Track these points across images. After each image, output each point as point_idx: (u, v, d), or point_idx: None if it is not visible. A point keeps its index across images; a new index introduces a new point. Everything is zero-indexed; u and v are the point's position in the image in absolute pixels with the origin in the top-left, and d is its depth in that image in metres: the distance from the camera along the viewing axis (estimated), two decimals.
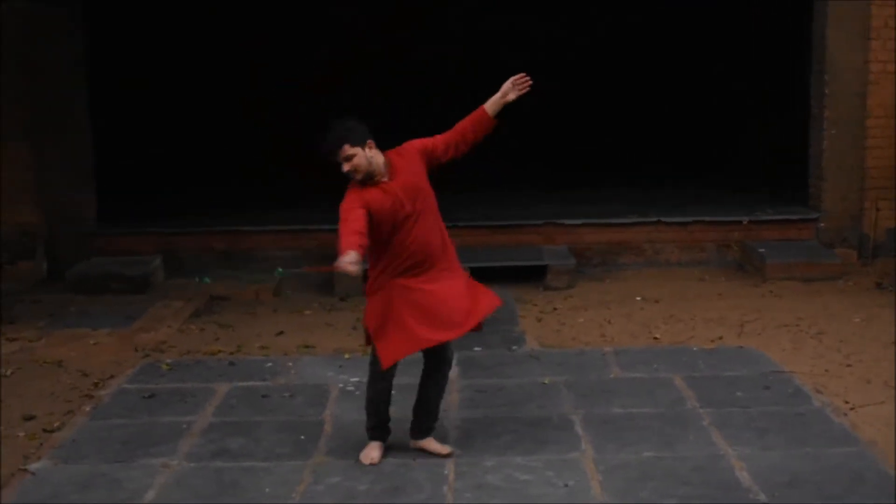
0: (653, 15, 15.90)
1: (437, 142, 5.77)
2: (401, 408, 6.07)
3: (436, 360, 5.85)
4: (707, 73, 15.55)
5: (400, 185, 5.57)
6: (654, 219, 10.95)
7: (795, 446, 5.92)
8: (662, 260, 10.87)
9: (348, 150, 5.50)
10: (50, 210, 10.64)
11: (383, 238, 5.58)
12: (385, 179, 5.58)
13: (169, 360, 7.80)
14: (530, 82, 5.81)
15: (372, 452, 5.79)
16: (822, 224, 10.81)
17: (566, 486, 5.44)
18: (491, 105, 5.79)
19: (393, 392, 5.87)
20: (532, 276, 10.06)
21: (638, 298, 9.54)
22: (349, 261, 5.21)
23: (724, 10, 14.77)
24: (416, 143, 5.76)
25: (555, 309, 9.24)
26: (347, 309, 9.35)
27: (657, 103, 16.06)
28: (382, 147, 5.68)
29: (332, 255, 10.56)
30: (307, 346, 8.17)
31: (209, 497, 5.38)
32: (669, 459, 5.76)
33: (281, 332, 8.58)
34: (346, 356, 7.83)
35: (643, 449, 5.92)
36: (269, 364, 7.69)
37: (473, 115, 5.80)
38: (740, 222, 10.92)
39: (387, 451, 5.89)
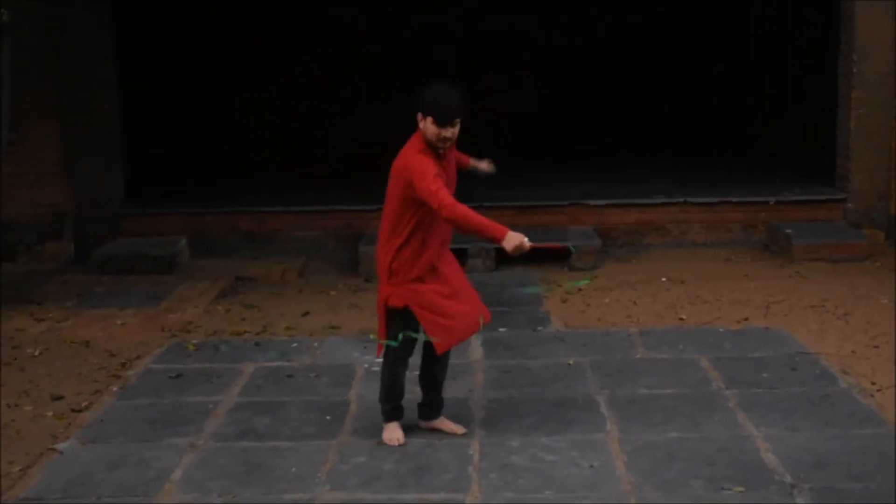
0: None
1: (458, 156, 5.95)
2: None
3: None
4: (737, 53, 15.46)
5: (450, 170, 5.64)
6: (681, 199, 10.91)
7: (822, 427, 5.90)
8: (688, 240, 10.83)
9: (458, 119, 5.50)
10: (77, 191, 10.70)
11: (421, 218, 5.50)
12: (443, 158, 5.58)
13: (195, 341, 7.83)
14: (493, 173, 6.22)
15: (397, 433, 5.81)
16: (850, 204, 10.74)
17: (591, 466, 5.44)
18: (472, 165, 6.15)
19: (417, 373, 5.90)
20: (557, 256, 10.04)
21: (663, 279, 9.51)
22: (522, 240, 5.34)
23: None
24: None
25: (580, 289, 9.22)
26: (372, 290, 9.32)
27: (685, 84, 15.98)
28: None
29: (357, 235, 10.64)
30: (332, 327, 8.20)
31: (235, 476, 5.41)
32: (695, 440, 5.75)
33: (306, 313, 8.61)
34: (372, 337, 7.83)
35: (668, 430, 5.91)
36: (295, 344, 7.72)
37: (462, 157, 6.03)
38: (767, 203, 10.86)
39: (409, 431, 5.91)
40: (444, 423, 5.94)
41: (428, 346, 5.76)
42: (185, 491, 5.26)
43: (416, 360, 5.92)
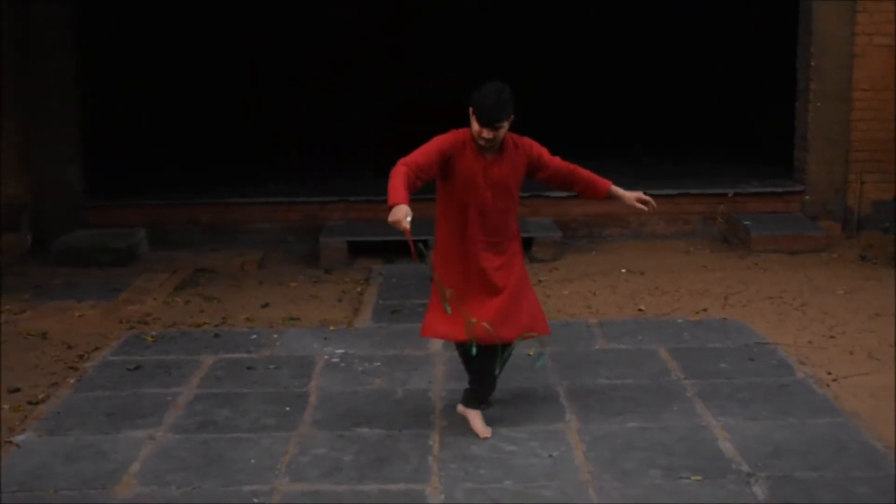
0: None
1: (549, 162, 5.81)
2: (390, 381, 6.07)
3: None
4: (698, 48, 15.55)
5: (495, 173, 5.54)
6: (640, 191, 10.91)
7: (779, 417, 5.96)
8: (648, 232, 10.88)
9: (504, 123, 5.42)
10: (36, 183, 10.61)
11: (451, 202, 5.56)
12: (489, 156, 5.52)
13: (154, 333, 7.79)
14: (654, 209, 6.13)
15: (480, 423, 5.77)
16: (807, 197, 10.83)
17: (551, 456, 5.46)
18: (616, 192, 5.99)
19: (378, 363, 5.87)
20: None
21: (623, 270, 9.55)
22: (400, 217, 5.02)
23: None
24: (533, 146, 5.75)
25: (540, 281, 9.25)
26: (332, 281, 9.35)
27: (645, 76, 16.06)
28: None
29: (317, 226, 10.63)
30: (292, 319, 8.17)
31: (195, 468, 5.39)
32: (654, 430, 5.79)
33: (266, 305, 8.58)
34: (332, 328, 7.84)
35: (628, 420, 5.94)
36: (255, 336, 7.69)
37: (596, 182, 5.97)
38: (726, 195, 10.93)
39: (368, 423, 5.91)
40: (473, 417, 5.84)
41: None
42: (144, 483, 5.23)
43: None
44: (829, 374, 6.70)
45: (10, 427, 5.98)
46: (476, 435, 5.71)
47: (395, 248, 9.53)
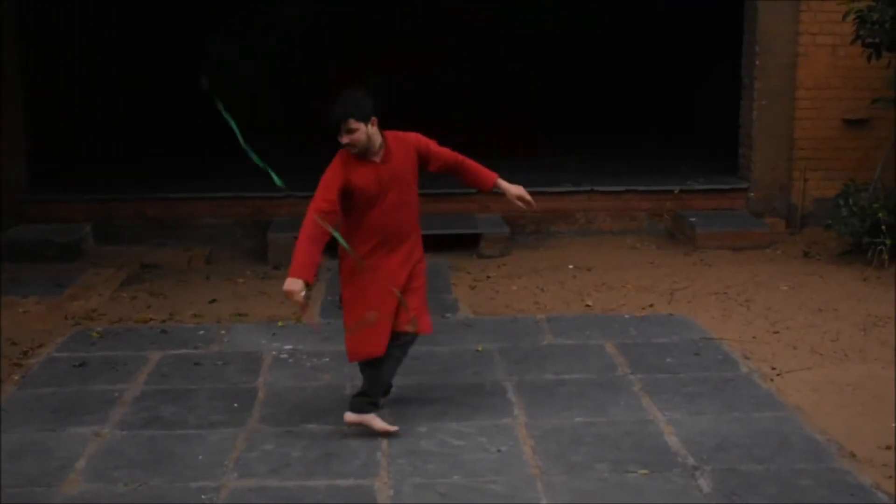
0: None
1: (438, 154, 5.89)
2: (339, 377, 6.07)
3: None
4: (647, 43, 15.66)
5: (390, 172, 5.61)
6: (588, 188, 11.02)
7: (724, 411, 6.03)
8: (595, 229, 10.95)
9: (352, 123, 5.47)
10: None
11: (358, 214, 5.62)
12: (376, 160, 5.60)
13: (99, 329, 7.73)
14: (533, 207, 6.13)
15: (383, 422, 5.70)
16: (752, 194, 10.95)
17: (499, 451, 5.49)
18: (501, 186, 6.03)
19: (327, 359, 5.86)
20: (466, 244, 10.10)
21: (571, 266, 9.61)
22: (296, 290, 5.33)
23: None
24: (419, 139, 5.83)
25: (488, 277, 9.28)
26: (280, 277, 9.16)
27: (596, 72, 16.14)
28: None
29: (265, 222, 10.58)
30: (240, 315, 8.14)
31: (142, 465, 5.36)
32: (601, 424, 5.83)
33: (214, 300, 8.54)
34: (280, 324, 7.82)
35: (575, 414, 5.99)
36: (202, 332, 7.65)
37: (482, 173, 6.03)
38: (672, 192, 11.02)
39: (317, 418, 5.91)
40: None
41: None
42: (90, 480, 5.20)
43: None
44: (773, 368, 6.78)
45: None
46: (423, 431, 5.72)
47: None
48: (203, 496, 5.02)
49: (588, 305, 8.35)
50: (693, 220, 10.47)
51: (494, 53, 16.50)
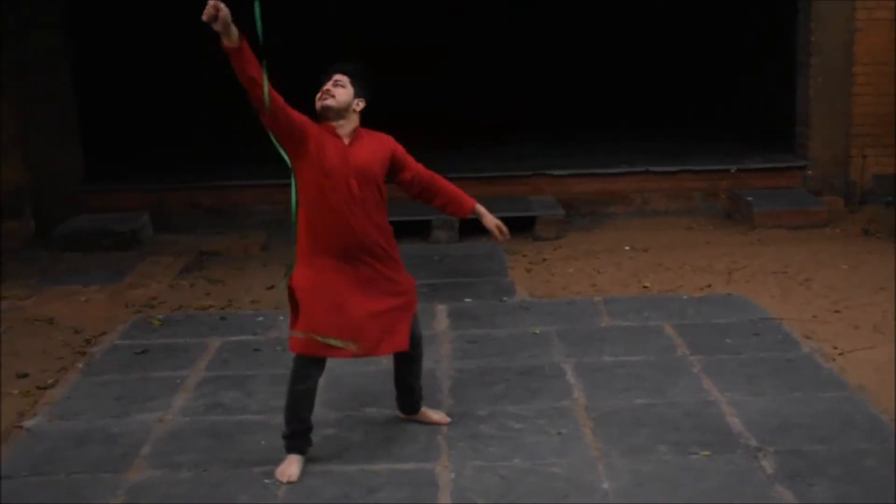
0: None
1: (411, 169, 5.37)
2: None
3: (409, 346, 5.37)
4: (697, 22, 15.50)
5: (356, 158, 5.08)
6: (643, 168, 10.97)
7: (785, 392, 5.98)
8: (650, 209, 10.89)
9: (345, 81, 5.07)
10: (37, 168, 10.59)
11: (312, 200, 5.10)
12: (345, 141, 5.10)
13: (160, 316, 7.81)
14: (507, 238, 5.61)
15: (290, 468, 5.09)
16: (810, 172, 10.84)
17: (559, 433, 5.48)
18: (478, 211, 5.50)
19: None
20: (521, 226, 10.07)
21: (627, 248, 9.57)
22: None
23: None
24: (395, 145, 5.32)
25: (544, 259, 9.26)
26: None
27: (648, 53, 16.03)
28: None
29: None
30: None
31: (205, 450, 5.41)
32: (661, 406, 5.81)
33: (271, 287, 8.59)
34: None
35: (634, 396, 5.96)
36: (261, 318, 7.71)
37: (460, 197, 5.48)
38: (728, 171, 10.93)
39: (376, 402, 5.92)
40: (424, 414, 5.68)
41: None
42: (155, 466, 5.26)
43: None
44: (835, 348, 6.72)
45: (19, 412, 6.00)
46: (483, 415, 5.72)
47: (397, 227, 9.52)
48: (266, 480, 5.06)
49: (645, 287, 8.31)
50: (750, 199, 10.37)
51: (527, 33, 16.40)
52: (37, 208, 10.62)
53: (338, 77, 5.11)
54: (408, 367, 5.53)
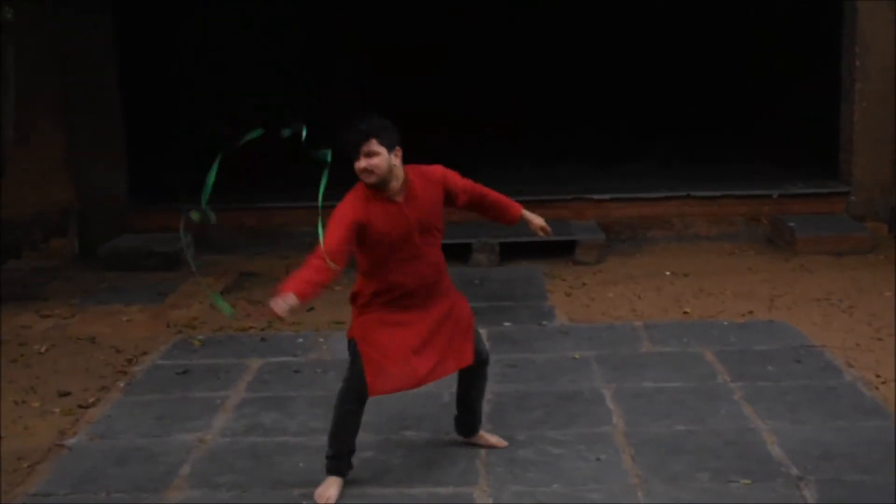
0: None
1: (464, 187, 5.31)
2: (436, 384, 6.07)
3: (475, 362, 5.41)
4: (740, 46, 15.45)
5: (414, 214, 5.02)
6: (684, 193, 10.93)
7: (827, 420, 5.92)
8: (691, 234, 10.85)
9: (375, 145, 4.85)
10: (81, 187, 10.72)
11: (376, 261, 5.06)
12: (398, 199, 4.99)
13: (201, 337, 7.86)
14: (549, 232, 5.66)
15: (328, 490, 5.12)
16: (853, 197, 10.76)
17: (598, 459, 5.46)
18: (525, 215, 5.56)
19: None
20: (561, 250, 10.06)
21: (667, 273, 9.53)
22: (283, 307, 4.75)
23: None
24: (446, 174, 5.23)
25: (584, 283, 9.24)
26: None
27: (688, 76, 15.97)
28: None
29: None
30: (338, 322, 8.20)
31: (244, 471, 5.43)
32: (701, 433, 5.77)
33: (311, 308, 8.60)
34: None
35: (675, 423, 5.93)
36: (301, 340, 7.74)
37: (509, 205, 5.50)
38: (770, 196, 10.88)
39: (415, 426, 5.91)
40: (482, 437, 5.67)
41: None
42: (194, 486, 5.29)
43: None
44: (878, 376, 6.65)
45: (61, 430, 6.06)
46: (522, 440, 5.72)
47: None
48: (304, 502, 5.07)
49: (686, 312, 8.27)
50: (792, 224, 10.31)
51: (581, 56, 16.36)
52: (82, 227, 10.74)
53: (366, 148, 4.88)
54: (471, 382, 5.50)
